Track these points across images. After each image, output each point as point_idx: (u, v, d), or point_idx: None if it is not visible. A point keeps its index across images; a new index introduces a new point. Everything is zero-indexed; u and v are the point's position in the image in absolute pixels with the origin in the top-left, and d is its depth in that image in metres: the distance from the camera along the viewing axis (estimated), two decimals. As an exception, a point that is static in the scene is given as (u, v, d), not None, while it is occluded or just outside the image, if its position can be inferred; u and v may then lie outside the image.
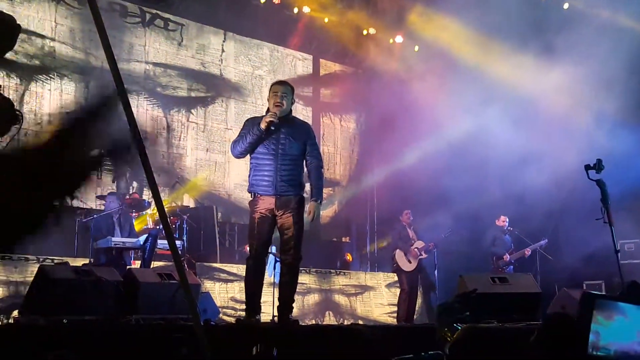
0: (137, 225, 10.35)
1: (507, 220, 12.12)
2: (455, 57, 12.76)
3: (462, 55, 12.71)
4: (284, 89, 6.32)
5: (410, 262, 10.99)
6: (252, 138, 6.19)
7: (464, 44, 12.65)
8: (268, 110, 6.33)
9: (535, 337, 3.60)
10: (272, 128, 6.18)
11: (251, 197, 6.36)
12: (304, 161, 6.36)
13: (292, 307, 6.35)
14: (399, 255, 11.02)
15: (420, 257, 11.11)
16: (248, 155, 6.43)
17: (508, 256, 11.91)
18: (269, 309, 10.55)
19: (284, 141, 6.22)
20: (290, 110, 6.43)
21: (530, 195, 11.63)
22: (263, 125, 6.14)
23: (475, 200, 12.80)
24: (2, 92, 4.16)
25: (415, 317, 12.95)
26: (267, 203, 6.21)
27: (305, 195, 6.44)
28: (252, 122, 6.34)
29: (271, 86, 6.44)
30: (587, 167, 6.37)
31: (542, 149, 11.56)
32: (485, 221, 12.49)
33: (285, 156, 6.21)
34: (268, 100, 6.41)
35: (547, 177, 11.46)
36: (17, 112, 4.15)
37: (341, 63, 15.80)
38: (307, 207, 6.34)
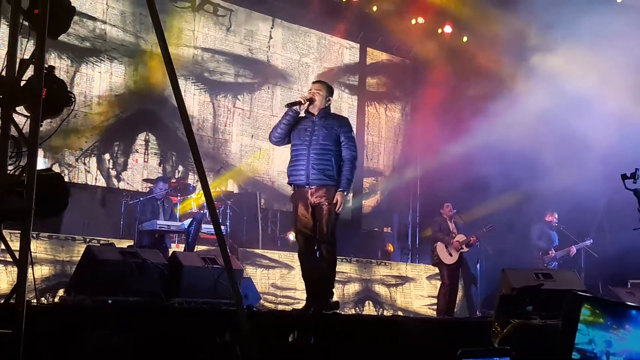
0: (182, 209, 10.45)
1: (556, 216, 11.95)
2: (505, 48, 12.55)
3: (513, 46, 12.49)
4: (317, 86, 6.66)
5: (451, 255, 10.86)
6: (286, 120, 6.47)
7: (514, 35, 12.45)
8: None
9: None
10: (295, 107, 6.46)
11: (292, 189, 6.60)
12: (339, 153, 6.49)
13: (333, 292, 6.51)
14: (440, 247, 10.90)
15: (462, 250, 10.96)
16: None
17: (554, 251, 11.75)
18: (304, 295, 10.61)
19: (317, 132, 6.43)
20: (328, 107, 6.62)
21: (578, 190, 11.43)
22: (288, 104, 6.49)
23: (521, 195, 12.66)
24: (54, 73, 4.23)
25: (455, 310, 12.89)
26: (304, 196, 6.41)
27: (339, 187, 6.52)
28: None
29: (311, 84, 6.82)
30: (624, 177, 6.34)
31: (593, 144, 11.34)
32: (531, 216, 12.34)
33: (317, 145, 6.40)
34: None
35: (596, 172, 11.26)
36: (70, 94, 4.22)
37: (388, 52, 15.70)
38: (335, 196, 6.43)
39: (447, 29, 14.64)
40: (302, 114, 6.57)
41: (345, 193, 6.48)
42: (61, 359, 4.01)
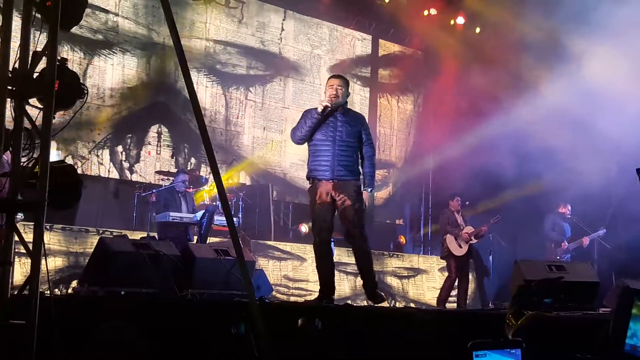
0: (194, 201, 10.48)
1: (570, 208, 11.89)
2: (517, 39, 12.47)
3: (525, 37, 12.40)
4: (339, 82, 6.60)
5: (461, 246, 10.88)
6: (311, 122, 6.47)
7: (526, 25, 12.36)
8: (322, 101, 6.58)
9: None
10: (325, 112, 6.45)
11: (310, 183, 6.60)
12: (359, 149, 6.60)
13: (377, 284, 6.61)
14: (449, 239, 10.92)
15: (471, 242, 10.97)
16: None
17: (567, 243, 11.70)
18: (315, 287, 10.62)
19: (341, 128, 6.48)
20: (346, 102, 6.66)
21: (591, 181, 11.37)
22: (320, 108, 6.43)
23: (532, 186, 12.62)
24: (67, 66, 4.24)
25: (468, 302, 12.88)
26: (325, 188, 6.44)
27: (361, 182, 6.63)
28: (309, 111, 6.66)
29: (328, 79, 6.77)
30: (639, 171, 6.30)
31: (605, 135, 11.26)
32: (544, 208, 12.28)
33: (342, 142, 6.46)
34: (324, 92, 6.69)
35: (610, 164, 11.20)
36: (83, 86, 4.23)
37: (400, 44, 15.65)
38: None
39: (460, 20, 14.60)
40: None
41: (370, 190, 6.60)
42: (74, 350, 4.03)
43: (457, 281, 10.91)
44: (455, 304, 11.21)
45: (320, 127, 6.49)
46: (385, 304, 6.95)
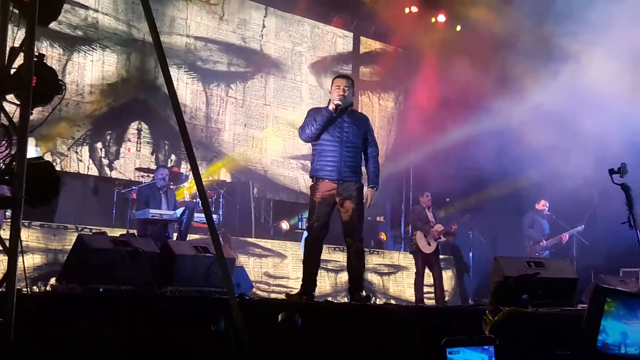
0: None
1: (547, 204, 11.97)
2: (499, 37, 12.52)
3: (507, 35, 12.45)
4: (346, 83, 6.63)
5: (429, 244, 10.96)
6: (322, 120, 6.50)
7: (508, 24, 12.42)
8: (329, 102, 6.59)
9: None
10: (335, 113, 6.50)
11: (312, 181, 6.70)
12: (364, 150, 6.72)
13: (363, 287, 6.68)
14: (419, 236, 10.98)
15: (439, 240, 11.05)
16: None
17: (545, 242, 11.78)
18: (296, 284, 10.62)
19: (347, 129, 6.57)
20: (352, 103, 6.73)
21: (568, 178, 11.45)
22: (331, 107, 6.48)
23: (512, 184, 12.70)
24: (45, 61, 4.21)
25: (447, 298, 12.94)
26: (328, 187, 6.54)
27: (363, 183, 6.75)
28: (316, 111, 6.70)
29: (334, 79, 6.78)
30: (612, 172, 6.41)
31: (582, 132, 11.34)
32: (524, 205, 12.36)
33: (349, 143, 6.56)
34: (330, 92, 6.70)
35: (587, 160, 11.27)
36: (60, 82, 4.20)
37: (382, 41, 15.68)
38: (365, 193, 6.66)
39: (441, 17, 14.65)
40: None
41: (375, 189, 6.70)
42: (52, 348, 4.01)
43: (432, 278, 11.01)
44: (434, 300, 11.26)
45: (326, 128, 6.54)
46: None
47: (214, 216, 10.14)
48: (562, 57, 11.81)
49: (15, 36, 4.08)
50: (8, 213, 6.31)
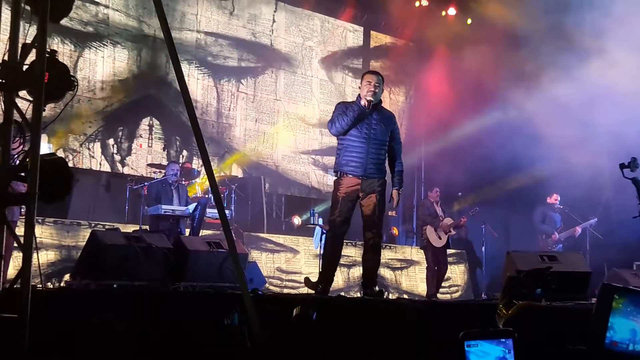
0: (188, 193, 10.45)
1: (559, 198, 11.91)
2: (510, 31, 12.46)
3: (518, 27, 12.39)
4: (377, 79, 6.67)
5: (440, 238, 10.99)
6: (353, 115, 6.51)
7: (519, 16, 12.35)
8: (358, 97, 6.62)
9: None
10: (368, 109, 6.53)
11: (336, 176, 6.68)
12: (389, 148, 6.75)
13: (376, 282, 6.76)
14: (429, 230, 11.01)
15: (450, 233, 11.07)
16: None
17: (557, 235, 11.73)
18: (313, 280, 10.61)
19: (375, 126, 6.59)
20: (380, 100, 6.74)
21: (581, 172, 11.39)
22: (364, 102, 6.51)
23: (525, 177, 12.64)
24: (57, 58, 4.21)
25: (459, 293, 12.91)
26: (352, 183, 6.55)
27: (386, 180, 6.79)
28: (345, 105, 6.71)
29: (364, 75, 6.81)
30: (622, 166, 6.42)
31: (596, 124, 11.27)
32: (535, 198, 12.30)
33: (376, 140, 6.58)
34: (360, 88, 6.70)
35: (600, 153, 11.21)
36: (73, 78, 4.20)
37: (392, 35, 15.64)
38: (391, 194, 6.75)
39: (451, 11, 14.59)
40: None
41: (400, 189, 6.81)
42: (66, 344, 4.02)
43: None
44: (448, 295, 11.26)
45: (357, 123, 6.55)
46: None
47: (226, 212, 10.17)
48: (575, 50, 11.74)
49: (27, 33, 4.09)
50: (23, 209, 6.34)
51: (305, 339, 4.46)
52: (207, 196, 10.18)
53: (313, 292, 6.62)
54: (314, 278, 6.85)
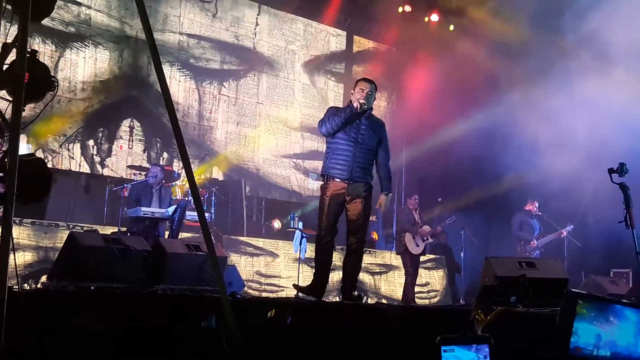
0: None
1: (537, 205, 11.99)
2: (491, 37, 12.55)
3: (500, 35, 12.47)
4: (371, 87, 6.74)
5: (417, 245, 11.17)
6: (345, 116, 6.59)
7: (502, 23, 12.45)
8: (350, 102, 6.67)
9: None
10: (359, 111, 6.60)
11: (323, 180, 6.74)
12: (376, 154, 6.82)
13: (356, 286, 6.78)
14: (408, 238, 11.19)
15: (427, 241, 11.29)
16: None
17: (535, 242, 11.80)
18: (286, 283, 10.61)
19: (364, 132, 6.66)
20: (371, 108, 6.78)
21: (559, 179, 11.47)
22: (356, 104, 6.58)
23: (504, 184, 12.72)
24: (37, 58, 4.19)
25: (438, 298, 12.96)
26: (338, 187, 6.60)
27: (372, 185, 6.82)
28: (337, 109, 6.79)
29: (358, 81, 6.86)
30: (611, 171, 6.47)
31: (574, 132, 11.36)
32: (514, 204, 12.37)
33: (363, 145, 6.65)
34: (352, 93, 6.76)
35: (577, 160, 11.30)
36: (53, 79, 4.18)
37: (375, 40, 15.68)
38: (379, 199, 6.78)
39: (434, 17, 14.66)
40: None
41: (388, 195, 6.86)
42: (43, 345, 3.99)
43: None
44: (426, 300, 11.30)
45: (346, 125, 6.61)
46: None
47: (206, 215, 10.13)
48: (554, 56, 11.85)
49: (8, 32, 4.06)
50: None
51: (282, 342, 4.46)
52: (186, 199, 10.14)
53: (313, 297, 6.63)
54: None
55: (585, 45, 11.10)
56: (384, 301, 11.85)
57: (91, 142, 11.68)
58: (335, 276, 11.58)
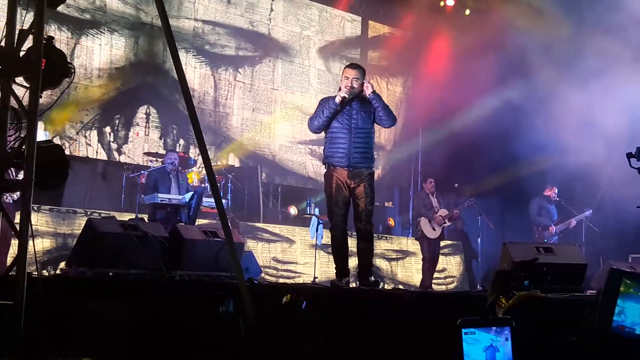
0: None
1: (556, 190, 11.92)
2: (509, 22, 12.44)
3: (516, 18, 12.37)
4: (355, 73, 6.73)
5: (434, 229, 11.14)
6: (329, 112, 6.66)
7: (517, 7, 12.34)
8: (340, 90, 6.72)
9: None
10: (342, 102, 6.62)
11: (325, 168, 6.82)
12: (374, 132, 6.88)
13: (372, 271, 6.83)
14: (424, 222, 11.16)
15: (444, 225, 11.22)
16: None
17: (554, 227, 11.73)
18: (309, 270, 10.63)
19: (356, 116, 6.69)
20: (362, 91, 6.75)
21: (578, 163, 11.39)
22: (337, 99, 6.62)
23: (522, 169, 12.65)
24: (54, 44, 4.20)
25: (455, 284, 12.94)
26: (340, 175, 6.66)
27: (374, 169, 6.92)
28: (326, 100, 6.84)
29: (344, 68, 6.91)
30: (630, 155, 6.39)
31: (593, 116, 11.27)
32: (531, 190, 12.31)
33: (358, 129, 6.68)
34: (340, 81, 6.83)
35: (596, 144, 11.22)
36: (70, 65, 4.19)
37: (390, 25, 15.58)
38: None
39: (450, 1, 14.55)
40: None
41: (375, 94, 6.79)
42: (62, 331, 4.02)
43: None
44: (443, 286, 11.29)
45: (334, 118, 6.67)
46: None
47: (223, 201, 10.14)
48: (572, 41, 11.74)
49: (24, 19, 4.07)
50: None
51: (299, 328, 4.47)
52: (203, 185, 10.16)
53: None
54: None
55: (610, 33, 11.00)
56: (400, 287, 11.84)
57: (108, 129, 11.71)
58: (352, 262, 11.61)
